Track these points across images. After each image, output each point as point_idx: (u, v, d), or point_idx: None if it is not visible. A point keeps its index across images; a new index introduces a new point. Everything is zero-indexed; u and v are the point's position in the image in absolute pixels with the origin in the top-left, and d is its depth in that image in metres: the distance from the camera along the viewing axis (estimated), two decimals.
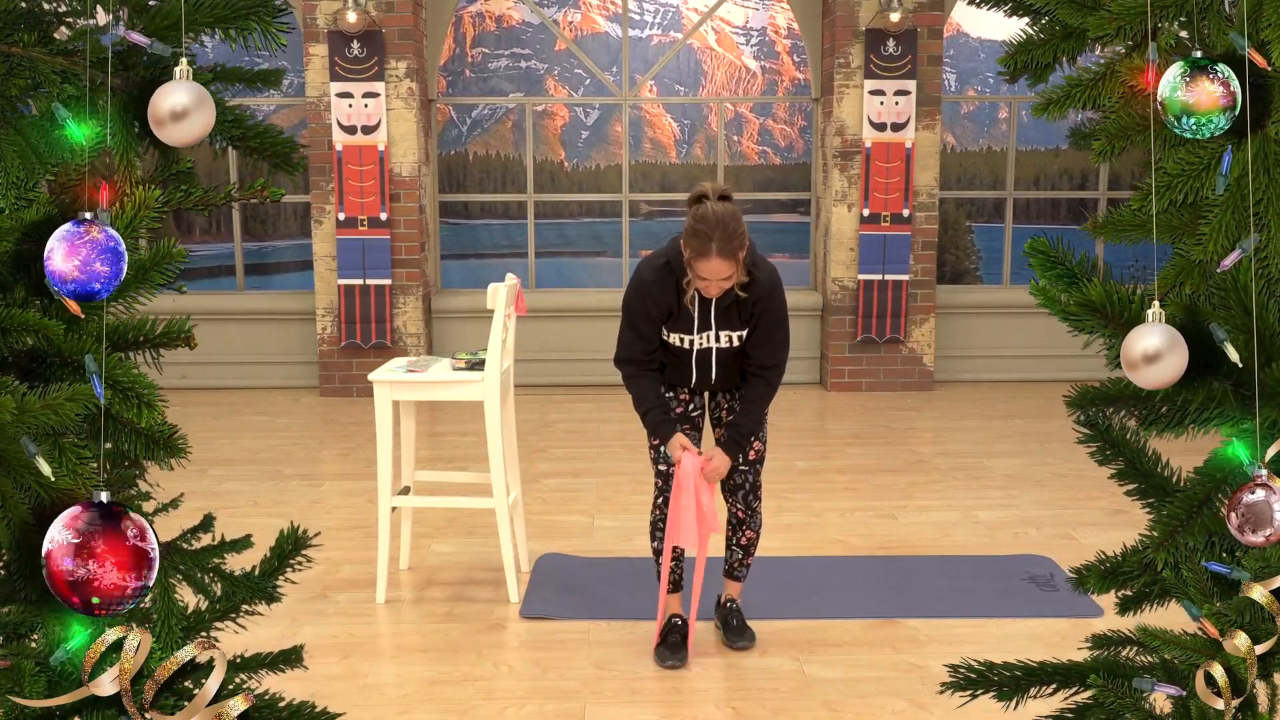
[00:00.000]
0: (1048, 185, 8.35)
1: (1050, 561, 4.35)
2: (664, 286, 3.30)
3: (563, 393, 7.83)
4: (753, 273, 3.29)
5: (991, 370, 8.20)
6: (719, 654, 3.57)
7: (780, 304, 3.35)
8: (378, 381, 3.90)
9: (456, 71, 8.10)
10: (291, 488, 5.45)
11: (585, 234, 8.34)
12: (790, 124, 8.27)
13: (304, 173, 1.52)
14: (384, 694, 3.30)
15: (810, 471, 5.74)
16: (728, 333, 3.34)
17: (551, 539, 4.65)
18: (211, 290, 8.19)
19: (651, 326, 3.34)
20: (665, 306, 3.32)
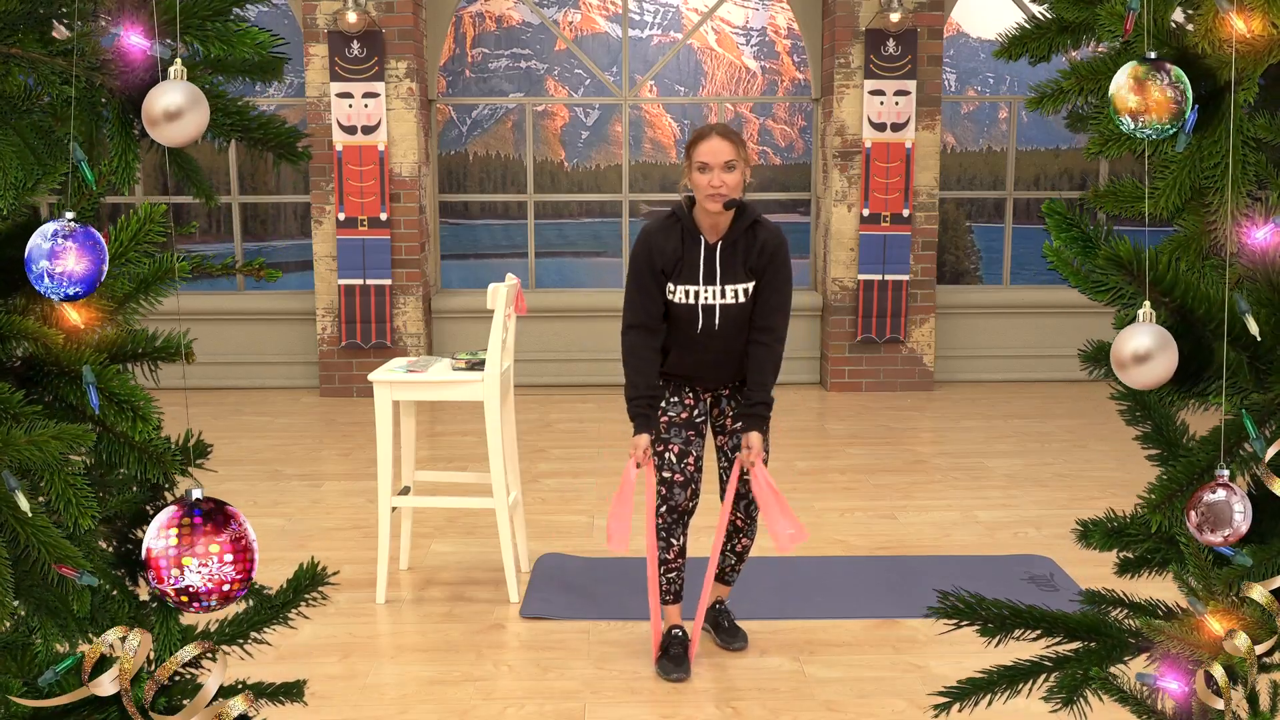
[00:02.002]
0: (1048, 185, 8.35)
1: (1050, 561, 4.35)
2: (669, 234, 3.30)
3: (563, 393, 7.83)
4: (759, 219, 3.32)
5: (991, 370, 8.20)
6: (718, 655, 3.57)
7: (786, 259, 3.33)
8: (378, 381, 3.90)
9: (456, 72, 8.11)
10: (291, 488, 5.45)
11: (585, 234, 8.34)
12: (790, 124, 8.27)
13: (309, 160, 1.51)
14: (384, 694, 3.30)
15: (810, 471, 5.73)
16: (733, 286, 3.30)
17: (551, 539, 4.65)
18: (211, 290, 8.19)
19: (657, 281, 3.31)
20: (671, 254, 3.29)
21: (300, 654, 3.57)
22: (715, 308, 3.31)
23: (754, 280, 3.32)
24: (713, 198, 3.19)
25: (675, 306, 3.34)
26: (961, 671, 3.44)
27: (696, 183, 3.21)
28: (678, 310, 3.34)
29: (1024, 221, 8.35)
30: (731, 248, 3.28)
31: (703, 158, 3.17)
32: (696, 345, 3.35)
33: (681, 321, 3.35)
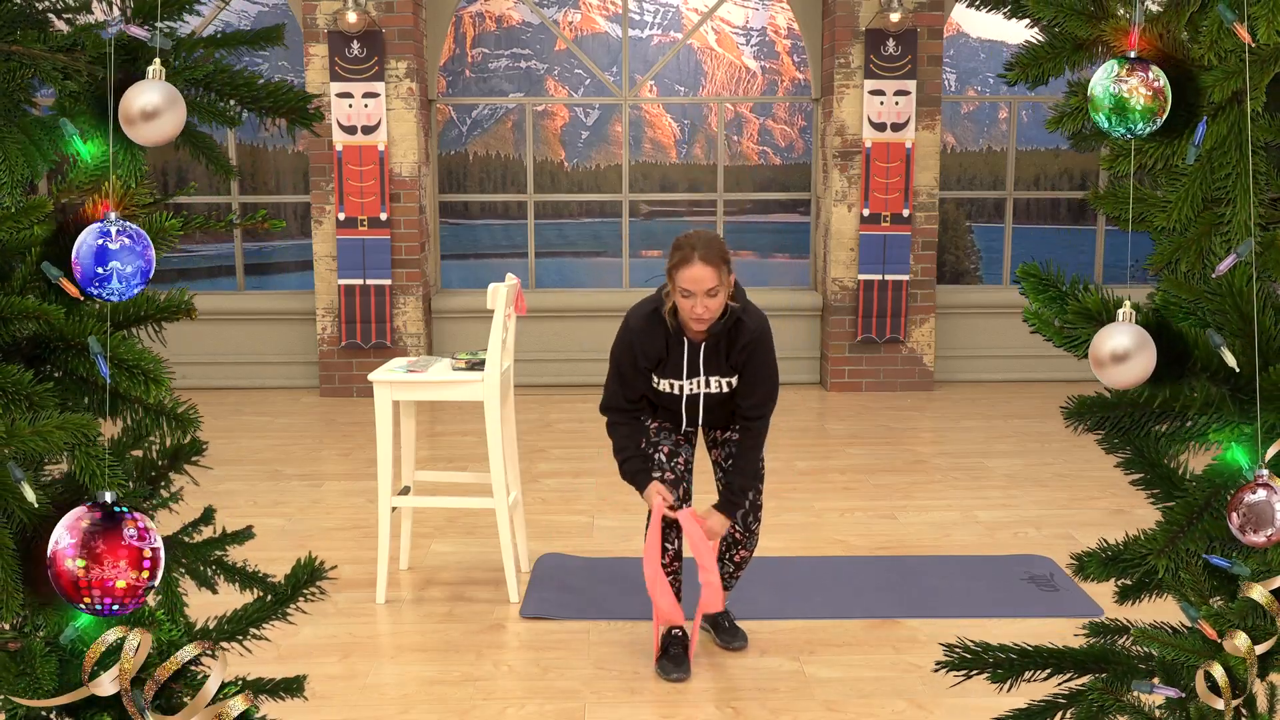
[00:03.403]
0: (1048, 185, 8.35)
1: (1050, 561, 4.35)
2: (652, 334, 3.30)
3: (563, 393, 7.83)
4: (741, 317, 3.28)
5: (991, 370, 8.20)
6: (718, 655, 3.57)
7: (768, 351, 3.33)
8: (378, 381, 3.90)
9: (456, 71, 8.10)
10: (291, 488, 5.45)
11: (585, 234, 8.34)
12: (790, 124, 8.27)
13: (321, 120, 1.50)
14: (384, 694, 3.30)
15: (810, 471, 5.73)
16: (717, 379, 3.35)
17: (551, 539, 4.65)
18: (212, 290, 8.19)
19: (639, 376, 3.35)
20: (654, 354, 3.32)
21: (300, 654, 3.57)
22: (699, 396, 3.38)
23: (736, 374, 3.35)
24: (698, 321, 3.20)
25: (660, 394, 3.40)
26: None
27: (680, 305, 3.21)
28: (662, 396, 3.40)
29: (1024, 221, 8.35)
30: (715, 346, 3.30)
31: (686, 285, 3.14)
32: (682, 420, 3.43)
33: (667, 401, 3.41)
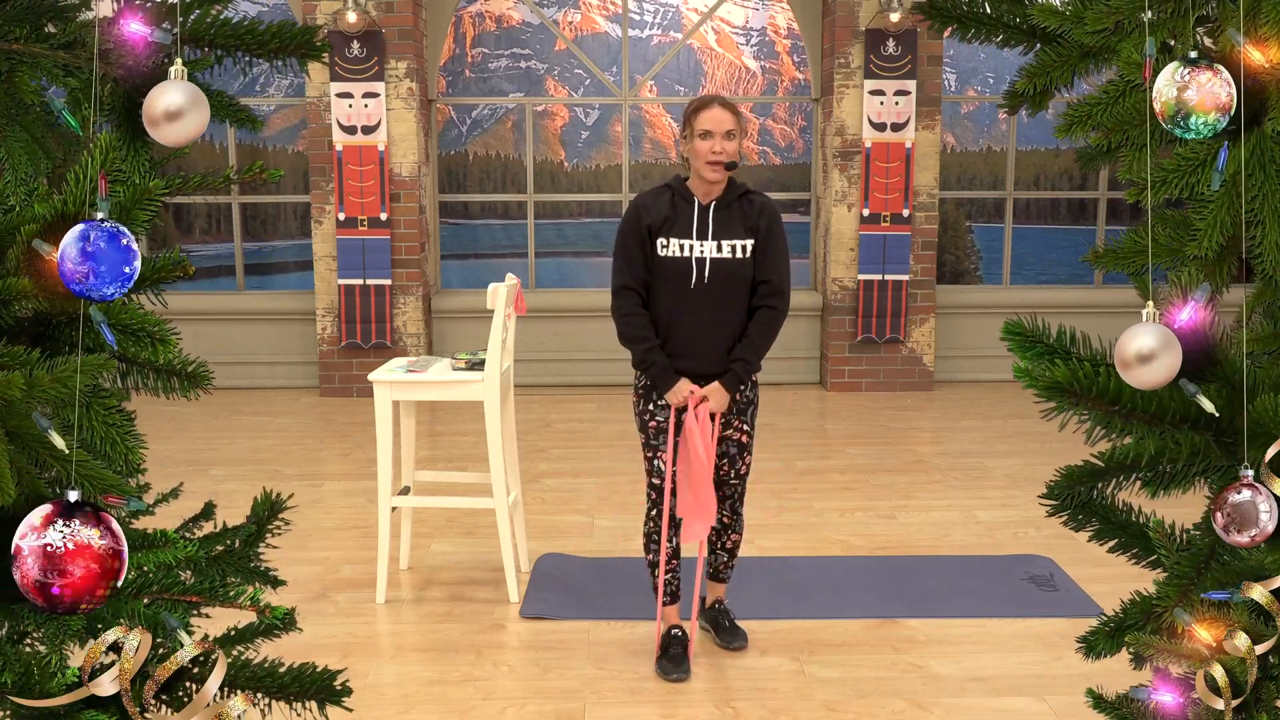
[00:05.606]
0: (1048, 185, 8.35)
1: (1050, 561, 4.35)
2: (658, 196, 3.37)
3: (563, 393, 7.83)
4: (749, 191, 3.39)
5: (991, 370, 8.20)
6: (718, 655, 3.57)
7: (783, 229, 3.39)
8: (378, 381, 3.90)
9: (456, 71, 8.10)
10: (291, 488, 5.45)
11: (585, 234, 8.34)
12: (790, 124, 8.27)
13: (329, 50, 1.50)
14: (384, 694, 3.30)
15: (810, 471, 5.73)
16: (730, 242, 3.30)
17: (551, 539, 4.65)
18: (212, 290, 8.19)
19: (643, 244, 3.32)
20: (660, 213, 3.32)
21: (300, 654, 3.57)
22: (708, 260, 3.29)
23: (753, 239, 3.33)
24: (714, 164, 3.24)
25: (667, 262, 3.30)
26: (961, 671, 3.44)
27: (697, 149, 3.25)
28: (670, 265, 3.30)
29: (1024, 221, 8.35)
30: (726, 210, 3.33)
31: (706, 125, 3.23)
32: (688, 305, 3.30)
33: (673, 278, 3.30)
